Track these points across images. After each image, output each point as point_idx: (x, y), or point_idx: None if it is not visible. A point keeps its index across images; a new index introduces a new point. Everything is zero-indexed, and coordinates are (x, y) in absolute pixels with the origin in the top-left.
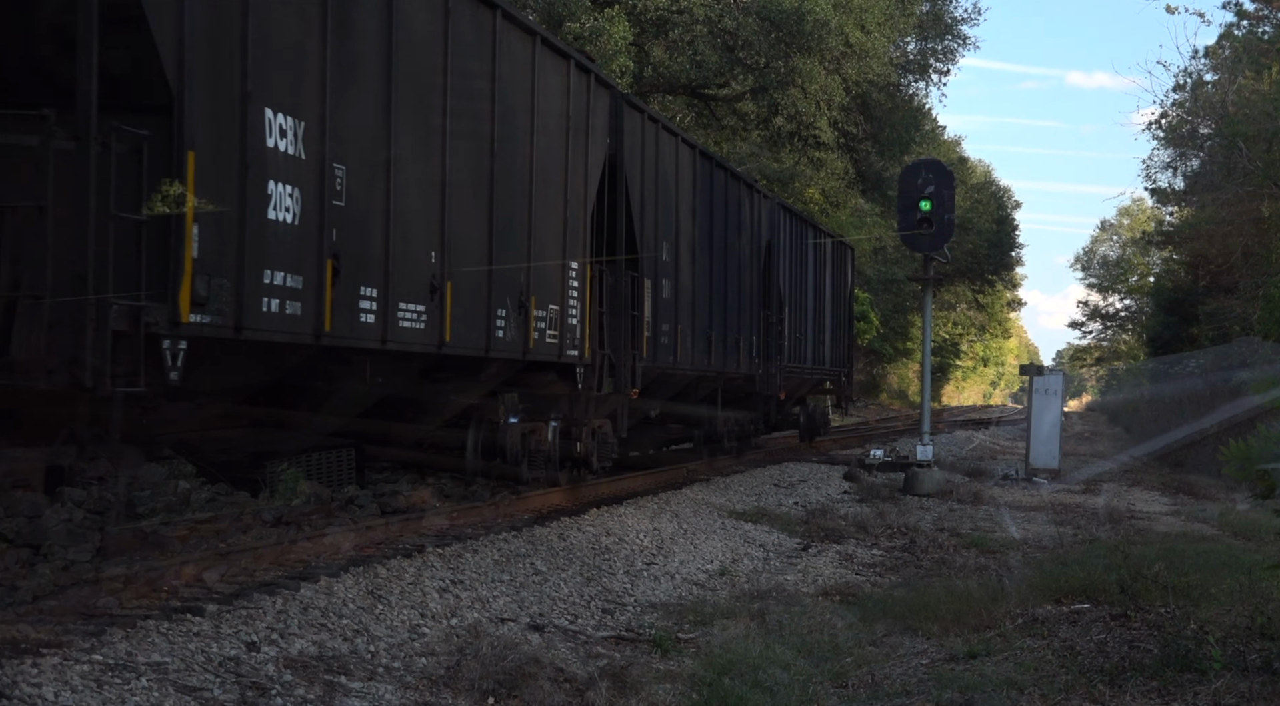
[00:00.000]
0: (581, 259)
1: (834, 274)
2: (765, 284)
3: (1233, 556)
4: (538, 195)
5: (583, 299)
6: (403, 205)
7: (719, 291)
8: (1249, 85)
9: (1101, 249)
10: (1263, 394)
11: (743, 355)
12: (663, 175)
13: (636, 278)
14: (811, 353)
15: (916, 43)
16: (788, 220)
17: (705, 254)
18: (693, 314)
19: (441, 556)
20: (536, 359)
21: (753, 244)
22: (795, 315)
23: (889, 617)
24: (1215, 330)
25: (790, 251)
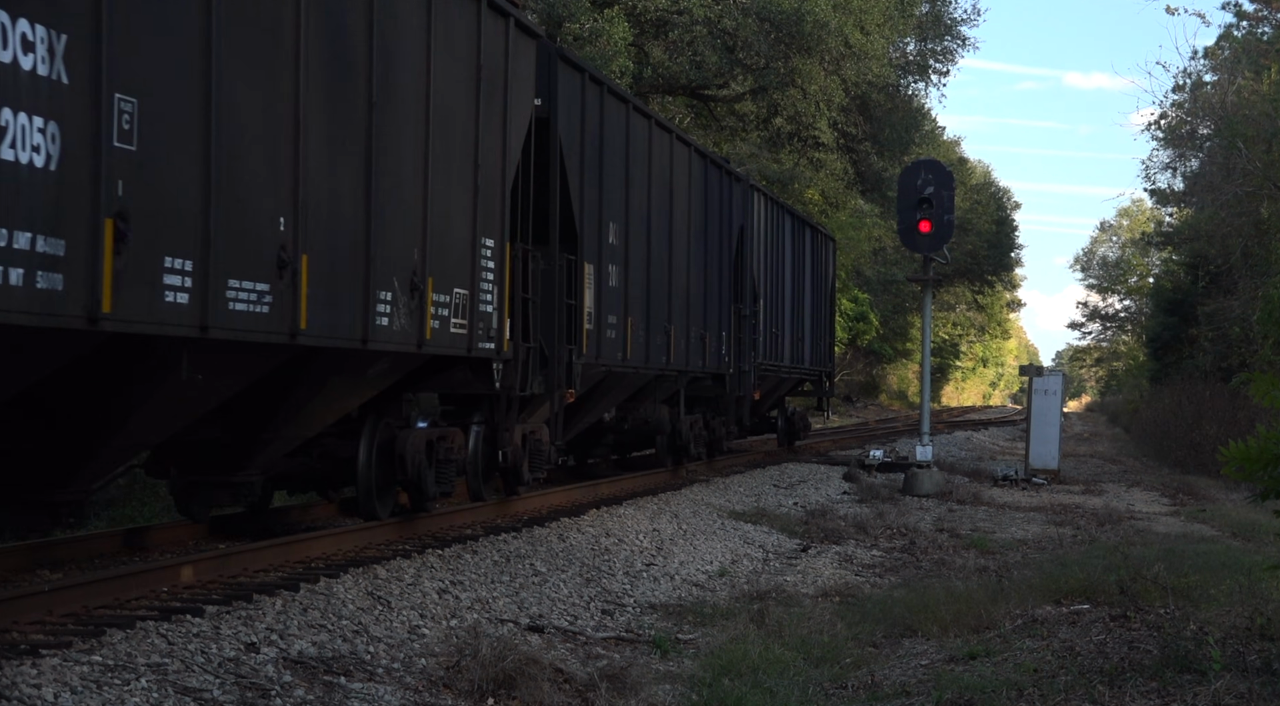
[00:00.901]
0: (499, 236)
1: (815, 267)
2: (737, 274)
3: (1232, 557)
4: (437, 156)
5: (500, 283)
6: (233, 155)
7: (680, 281)
8: (1248, 86)
9: (1101, 249)
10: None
11: (710, 352)
12: (610, 147)
13: (574, 261)
14: (790, 350)
15: (916, 43)
16: (764, 205)
17: (664, 238)
18: (647, 305)
19: (441, 557)
20: (437, 352)
21: (722, 229)
22: (771, 309)
23: (888, 618)
24: (1215, 331)
25: (766, 240)
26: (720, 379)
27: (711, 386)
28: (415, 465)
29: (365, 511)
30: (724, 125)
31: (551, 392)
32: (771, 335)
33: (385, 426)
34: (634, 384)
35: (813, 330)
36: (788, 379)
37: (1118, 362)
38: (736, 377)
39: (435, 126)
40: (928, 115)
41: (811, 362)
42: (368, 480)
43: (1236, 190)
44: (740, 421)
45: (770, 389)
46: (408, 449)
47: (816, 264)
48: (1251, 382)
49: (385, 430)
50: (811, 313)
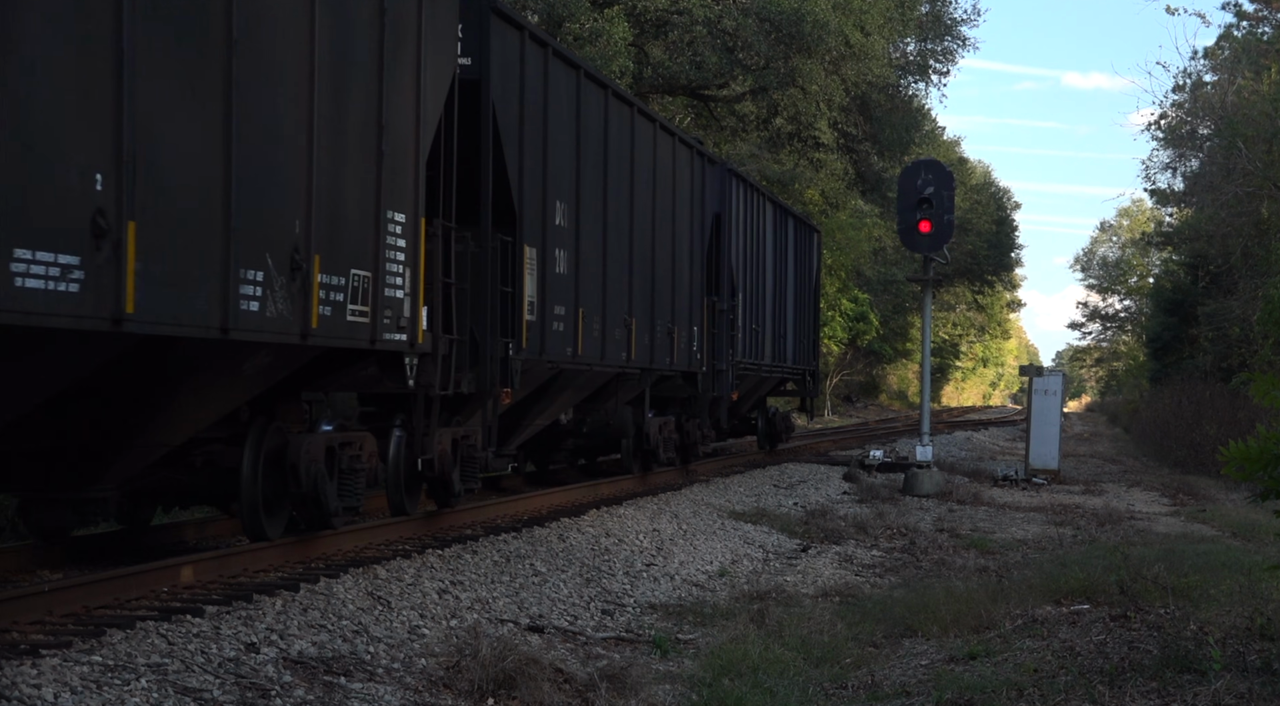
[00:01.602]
0: (412, 211)
1: (798, 259)
2: (712, 265)
3: (1232, 557)
4: (325, 112)
5: (414, 264)
6: (25, 93)
7: (643, 270)
8: (1248, 86)
9: (1101, 250)
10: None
11: (679, 348)
12: (557, 118)
13: (512, 244)
14: (770, 348)
15: (916, 44)
16: (742, 192)
17: (623, 223)
18: (602, 295)
19: (441, 557)
20: (329, 344)
21: (694, 216)
22: (751, 304)
23: (888, 618)
24: (1215, 331)
25: (745, 229)
26: (691, 377)
27: (683, 386)
28: (311, 476)
29: (251, 530)
30: (724, 125)
31: (484, 392)
32: (751, 331)
33: (276, 431)
34: (591, 383)
35: (795, 326)
36: (769, 378)
37: (1118, 363)
38: (711, 376)
39: (323, 77)
40: (928, 115)
41: (795, 361)
42: (252, 494)
43: (1236, 190)
44: (717, 423)
45: (751, 388)
46: (301, 457)
47: (800, 256)
48: (1251, 383)
49: (276, 435)
50: (794, 307)
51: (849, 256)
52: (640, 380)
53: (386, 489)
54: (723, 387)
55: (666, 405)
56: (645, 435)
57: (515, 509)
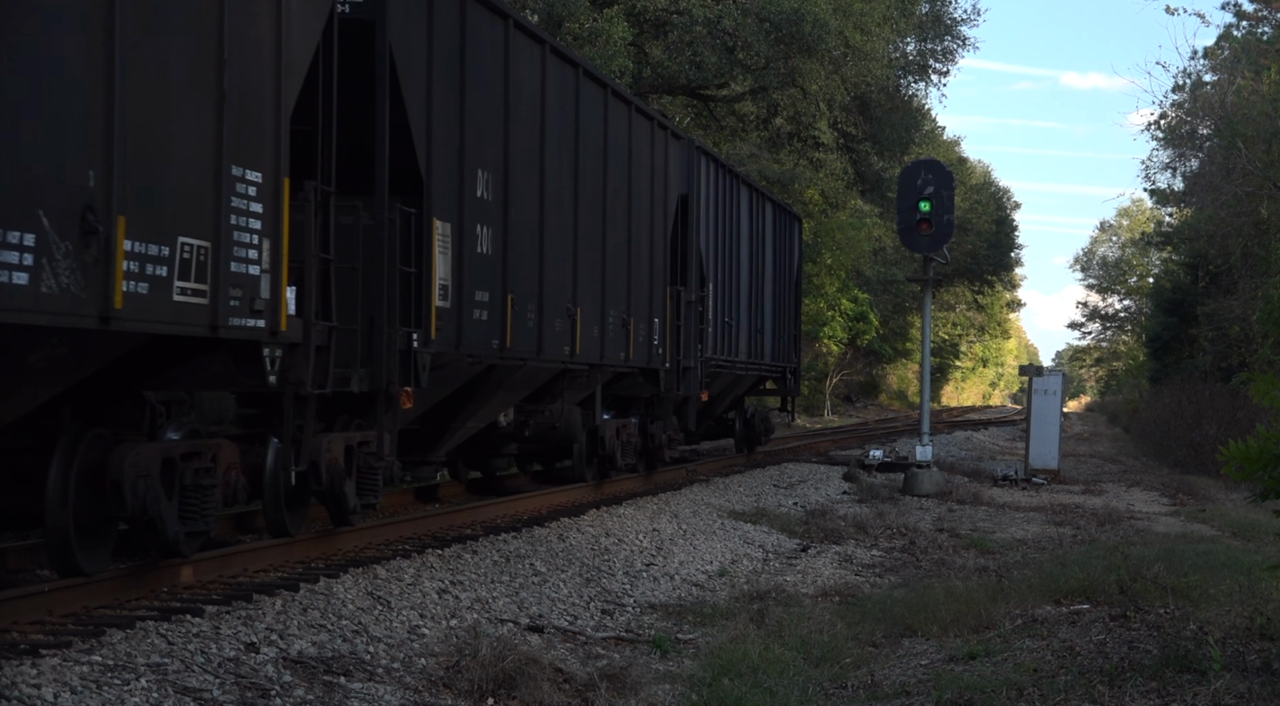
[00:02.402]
0: (271, 168)
1: (777, 248)
2: (678, 252)
3: (1232, 557)
4: (131, 34)
5: (274, 235)
6: None
7: (590, 255)
8: (1248, 86)
9: (1101, 249)
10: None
11: (637, 343)
12: (480, 74)
13: (416, 216)
14: (746, 343)
15: (916, 44)
16: (713, 173)
17: (566, 199)
18: (539, 281)
19: (441, 557)
20: (146, 329)
21: (655, 196)
22: (724, 296)
23: (888, 618)
24: (1215, 331)
25: (717, 214)
26: (653, 375)
27: (645, 385)
28: (140, 495)
29: (59, 562)
30: (724, 125)
31: (379, 391)
32: (724, 325)
33: (96, 439)
34: (530, 380)
35: (774, 321)
36: (746, 376)
37: (1118, 362)
38: (676, 374)
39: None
40: (927, 115)
41: (774, 357)
42: (60, 516)
43: (1236, 190)
44: (685, 425)
45: (726, 387)
46: (125, 471)
47: (780, 245)
48: (1251, 382)
49: (95, 445)
50: (773, 300)
51: (849, 256)
52: (590, 378)
53: (264, 505)
54: (690, 386)
55: (628, 406)
56: (601, 439)
57: (515, 509)
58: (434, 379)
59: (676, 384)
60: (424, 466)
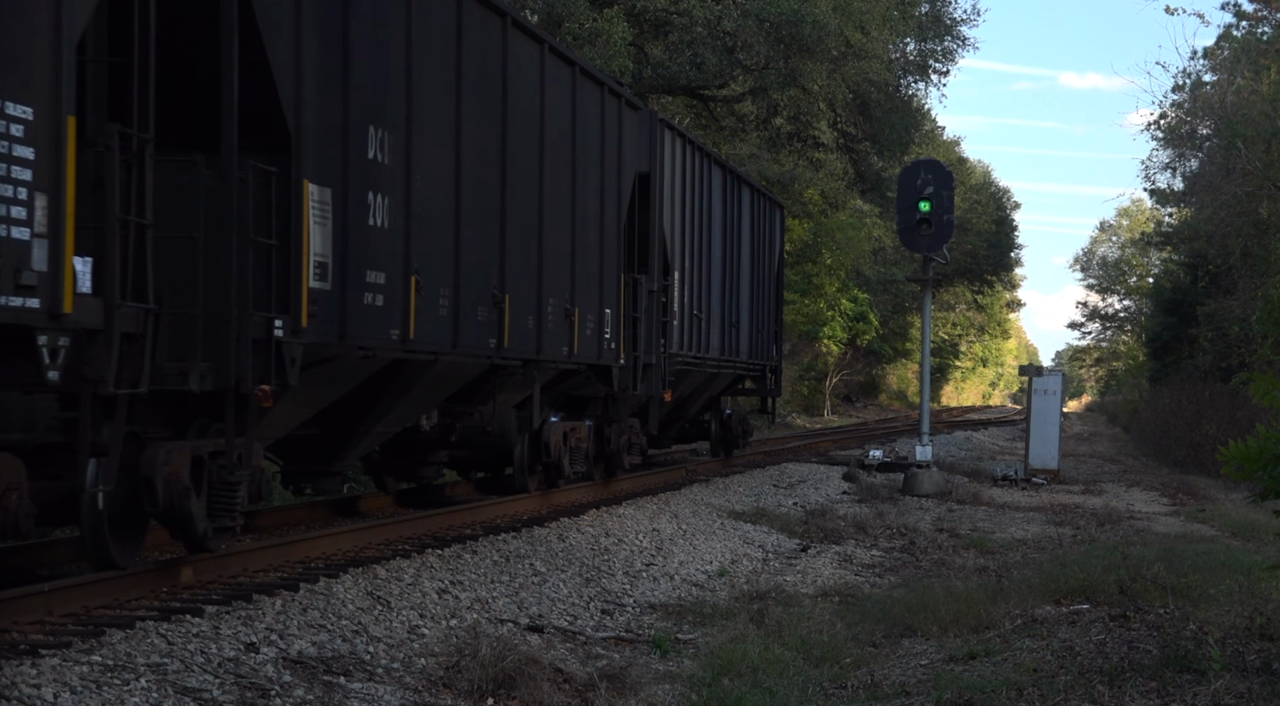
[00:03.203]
0: (47, 102)
1: (756, 236)
2: (637, 236)
3: (1232, 557)
4: None
5: (54, 189)
6: None
7: (525, 233)
8: (1248, 86)
9: (1101, 249)
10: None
11: (584, 336)
12: (369, 9)
13: (277, 177)
14: (719, 339)
15: (916, 44)
16: (680, 150)
17: (492, 169)
18: (454, 261)
19: (441, 557)
20: None
21: (608, 172)
22: (692, 285)
23: (888, 618)
24: (1214, 331)
25: (685, 196)
26: (604, 373)
27: (596, 384)
28: None
29: None
30: (724, 126)
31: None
32: (692, 319)
33: None
34: (451, 377)
35: (752, 315)
36: (719, 374)
37: (1117, 362)
38: (632, 371)
39: None
40: (927, 115)
41: (751, 354)
42: None
43: (1236, 190)
44: (647, 427)
45: (698, 387)
46: None
47: (758, 233)
48: (1251, 382)
49: None
50: (751, 293)
51: (849, 256)
52: (526, 376)
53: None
54: (652, 385)
55: (583, 407)
56: (545, 444)
57: (514, 509)
58: (319, 376)
59: (633, 382)
60: (327, 477)
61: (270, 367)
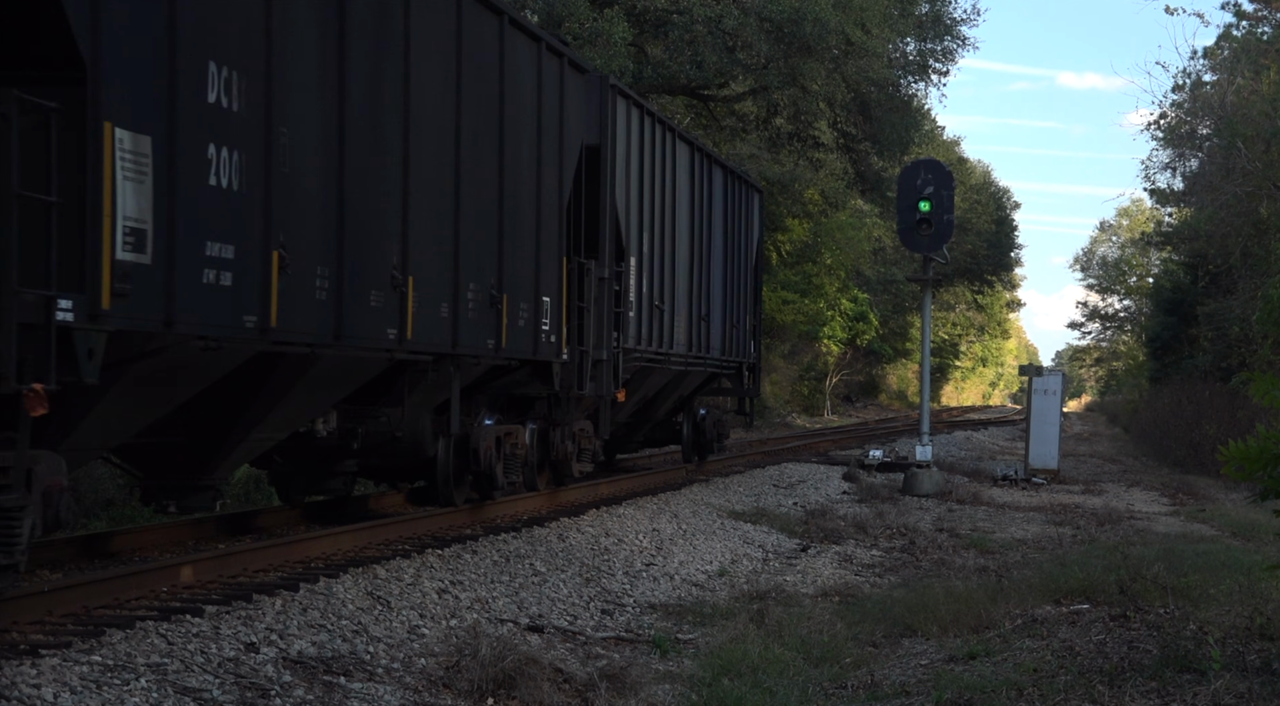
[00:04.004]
0: None
1: (731, 222)
2: (583, 215)
3: (1232, 557)
4: None
5: None
6: None
7: (436, 206)
8: (1248, 86)
9: (1101, 249)
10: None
11: (516, 327)
12: None
13: (62, 114)
14: (687, 333)
15: (916, 43)
16: (639, 122)
17: (388, 128)
18: (335, 234)
19: (441, 557)
20: None
21: (548, 141)
22: (653, 274)
23: (888, 618)
24: (1214, 331)
25: (643, 173)
26: (544, 369)
27: (533, 382)
28: None
29: None
30: (724, 126)
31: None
32: (653, 310)
33: None
34: (347, 375)
35: (726, 308)
36: (688, 373)
37: (1117, 362)
38: (577, 368)
39: None
40: (927, 115)
41: (725, 351)
42: None
43: (1236, 190)
44: (600, 432)
45: (664, 386)
46: None
47: (733, 219)
48: (1251, 382)
49: None
50: (724, 284)
51: (849, 256)
52: (441, 372)
53: None
54: (601, 383)
55: (525, 409)
56: (474, 451)
57: (514, 509)
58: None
59: (578, 380)
60: (195, 492)
61: (50, 361)
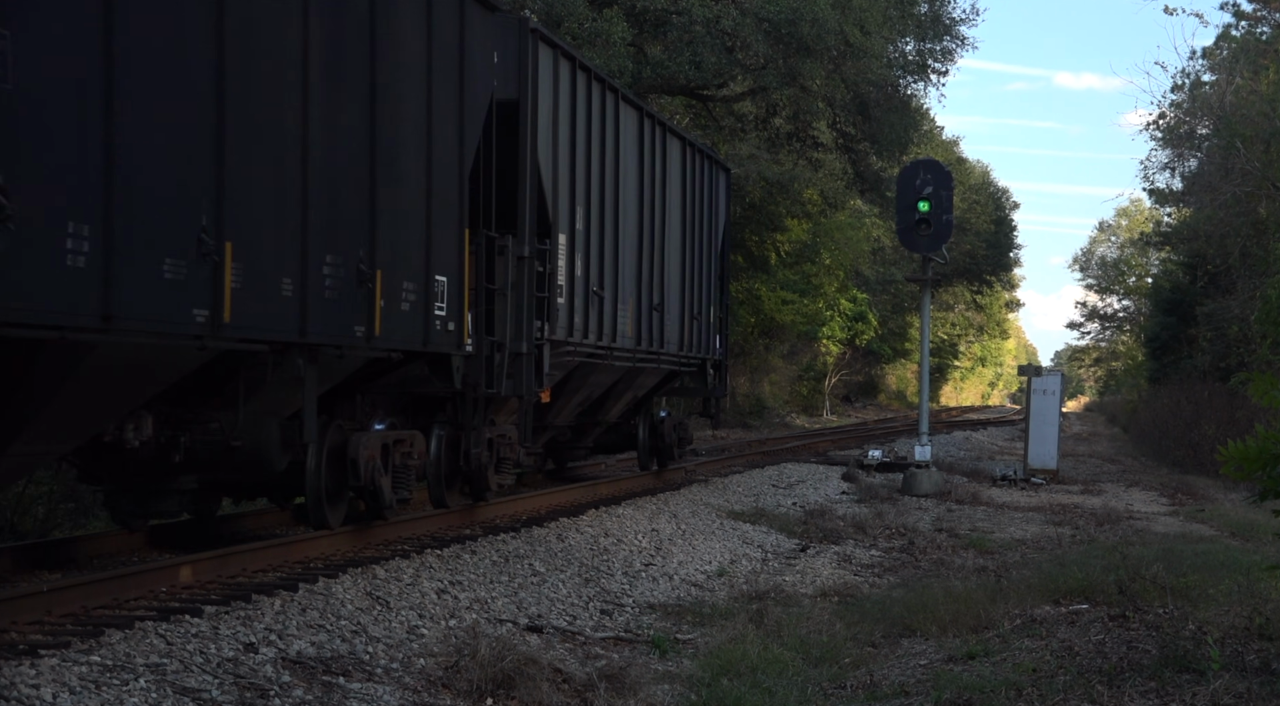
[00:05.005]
0: None
1: (691, 202)
2: (497, 181)
3: (1231, 557)
4: None
5: None
6: None
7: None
8: (1246, 86)
9: (1100, 249)
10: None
11: (397, 312)
12: None
13: None
14: (635, 324)
15: (915, 43)
16: (570, 77)
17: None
18: (102, 176)
19: (440, 557)
20: None
21: (439, 87)
22: (590, 254)
23: (887, 618)
24: (1213, 331)
25: (579, 138)
26: (441, 363)
27: (433, 379)
28: None
29: None
30: (723, 126)
31: None
32: (590, 297)
33: None
34: (143, 369)
35: (686, 298)
36: (640, 370)
37: (1116, 362)
38: (486, 363)
39: None
40: (926, 115)
41: (684, 346)
42: None
43: (1235, 190)
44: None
45: (612, 386)
46: None
47: (695, 198)
48: (1250, 382)
49: None
50: (684, 271)
51: (848, 256)
52: (286, 366)
53: None
54: (521, 381)
55: (432, 412)
56: (352, 463)
57: (514, 509)
58: None
59: (487, 377)
60: None
61: None
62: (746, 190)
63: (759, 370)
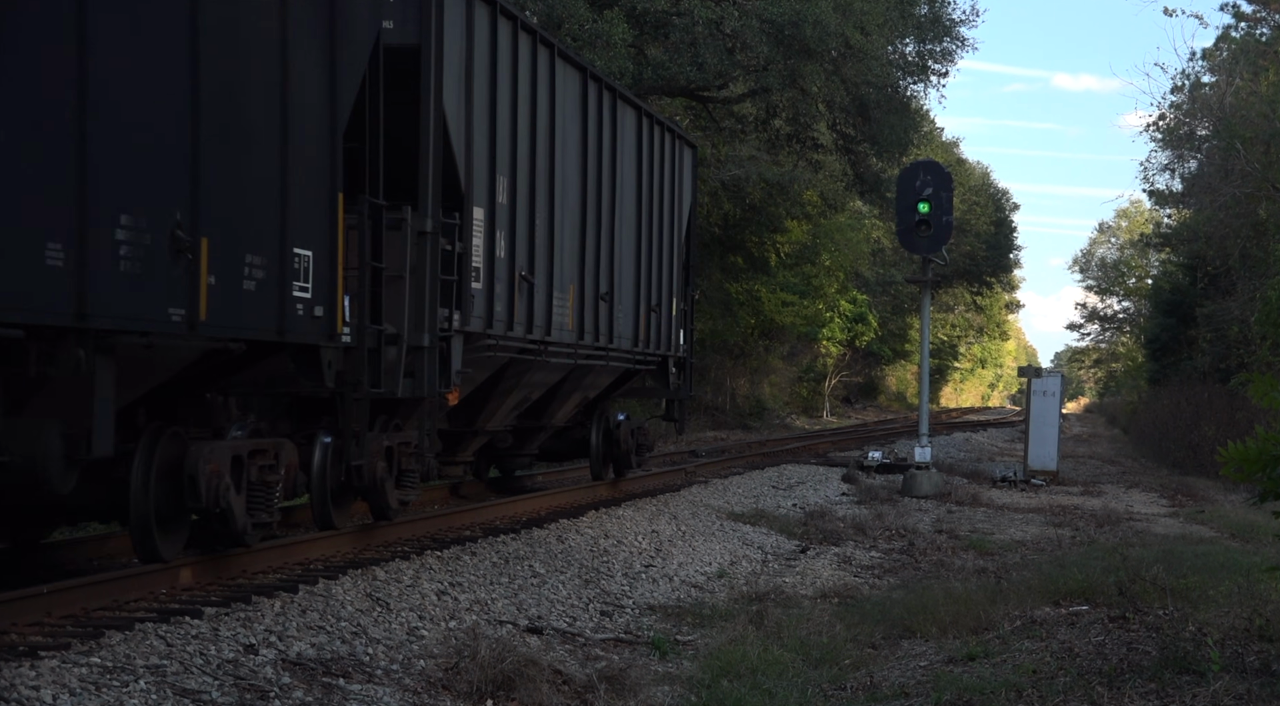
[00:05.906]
0: None
1: (649, 181)
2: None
3: (1231, 558)
4: None
5: None
6: None
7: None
8: (1246, 87)
9: (1100, 251)
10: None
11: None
12: None
13: None
14: (578, 316)
15: (915, 44)
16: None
17: None
18: None
19: (440, 558)
20: None
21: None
22: (516, 231)
23: (887, 620)
24: (1213, 332)
25: (500, 96)
26: (309, 357)
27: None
28: None
29: None
30: (723, 127)
31: None
32: (519, 283)
33: None
34: None
35: (641, 287)
36: (587, 368)
37: (1116, 364)
38: (372, 358)
39: None
40: (926, 116)
41: (639, 341)
42: None
43: (1235, 191)
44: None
45: (555, 386)
46: None
47: (654, 176)
48: (1250, 383)
49: None
50: (639, 257)
51: (848, 258)
52: (64, 359)
53: None
54: (423, 379)
55: (317, 414)
56: (191, 480)
57: (513, 510)
58: None
59: (369, 372)
60: None
61: None
62: (746, 191)
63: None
